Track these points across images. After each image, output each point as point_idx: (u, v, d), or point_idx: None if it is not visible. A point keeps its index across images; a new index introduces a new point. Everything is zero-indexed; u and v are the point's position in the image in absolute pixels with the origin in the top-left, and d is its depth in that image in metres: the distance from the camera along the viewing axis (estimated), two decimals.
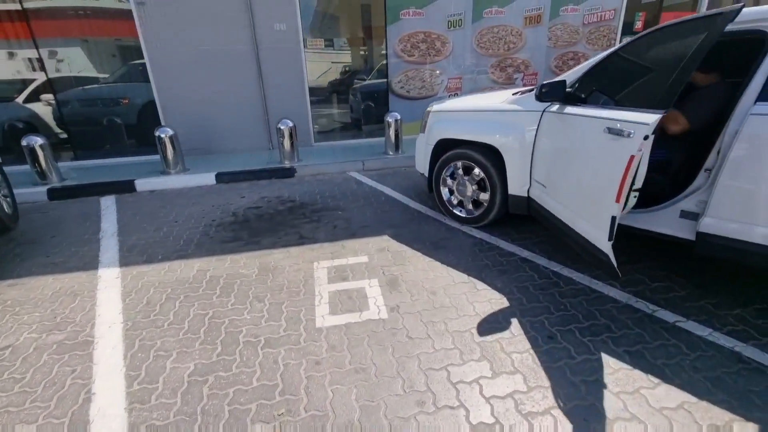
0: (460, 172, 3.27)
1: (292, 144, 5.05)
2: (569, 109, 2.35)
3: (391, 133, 5.22)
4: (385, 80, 6.06)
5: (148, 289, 2.62)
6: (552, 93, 2.52)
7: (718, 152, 2.09)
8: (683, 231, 2.31)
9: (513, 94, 3.00)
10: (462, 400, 1.68)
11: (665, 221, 2.37)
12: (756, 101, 1.93)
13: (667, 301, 2.27)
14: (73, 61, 5.39)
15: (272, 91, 5.70)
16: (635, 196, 2.02)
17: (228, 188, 4.69)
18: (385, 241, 3.15)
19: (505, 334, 2.05)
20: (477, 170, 3.13)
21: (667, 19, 5.13)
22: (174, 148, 4.84)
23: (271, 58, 5.53)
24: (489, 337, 2.03)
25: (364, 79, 6.65)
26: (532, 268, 2.68)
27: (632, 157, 1.77)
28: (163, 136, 4.75)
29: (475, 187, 3.22)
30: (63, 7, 5.09)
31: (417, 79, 6.03)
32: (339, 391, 1.76)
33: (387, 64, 5.92)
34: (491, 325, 2.13)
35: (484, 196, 3.16)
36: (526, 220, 3.32)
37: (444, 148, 3.35)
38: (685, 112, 2.30)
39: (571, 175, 2.34)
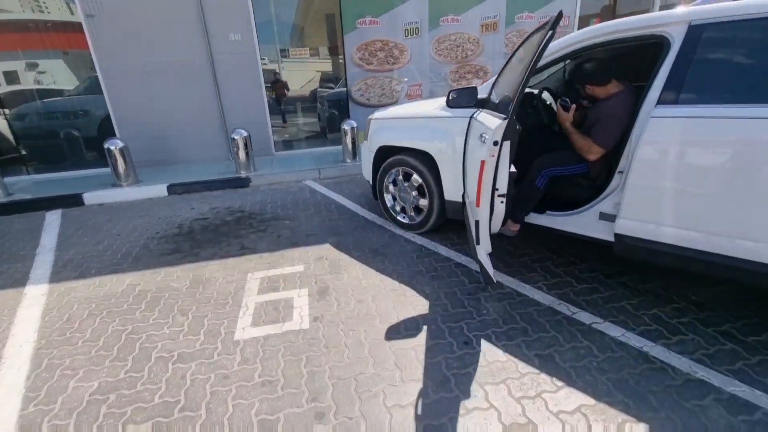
0: (401, 178, 3.27)
1: (247, 154, 5.00)
2: (477, 116, 2.37)
3: (348, 141, 5.22)
4: (344, 89, 6.08)
5: (72, 306, 2.54)
6: (461, 100, 2.54)
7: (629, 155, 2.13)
8: (603, 233, 2.34)
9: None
10: (363, 410, 1.65)
11: (587, 223, 2.40)
12: (656, 104, 1.97)
13: (588, 303, 2.28)
14: (28, 75, 5.28)
15: (230, 102, 5.66)
16: (502, 201, 2.01)
17: (180, 199, 4.61)
18: (326, 250, 3.12)
19: (423, 341, 2.03)
20: (416, 176, 3.13)
21: None
22: (125, 160, 4.74)
23: (228, 69, 5.50)
24: (405, 345, 2.01)
25: (332, 88, 6.66)
26: (465, 273, 2.67)
27: (482, 162, 1.78)
28: (112, 148, 4.66)
29: (415, 193, 3.22)
30: (12, 20, 4.98)
31: (376, 86, 6.06)
32: (240, 405, 1.71)
33: (345, 72, 5.93)
34: (411, 332, 2.11)
35: (424, 202, 3.17)
36: None
37: (385, 155, 3.35)
38: (595, 137, 2.31)
39: (471, 182, 2.36)
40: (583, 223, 2.41)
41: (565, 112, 2.48)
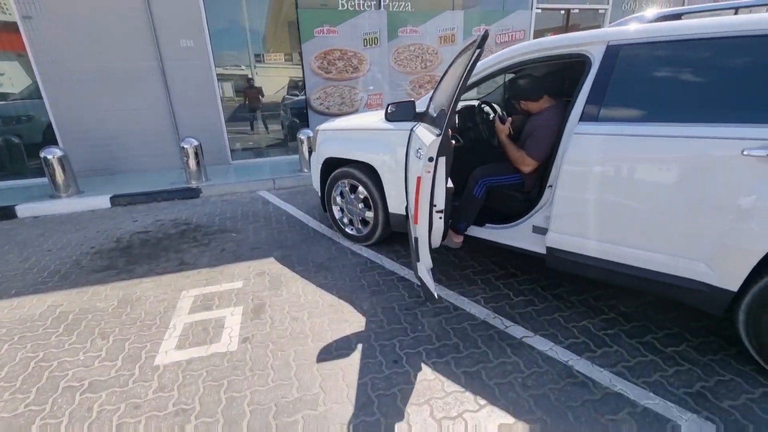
0: (348, 190, 3.23)
1: (198, 163, 4.84)
2: (416, 129, 2.37)
3: (304, 149, 5.14)
4: (304, 97, 6.01)
5: None
6: (399, 113, 2.53)
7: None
8: (536, 245, 2.36)
9: None
10: None
11: (522, 236, 2.42)
12: (579, 121, 2.02)
13: (522, 316, 2.30)
14: None
15: (183, 109, 5.48)
16: (440, 218, 2.01)
17: (123, 211, 4.39)
18: (269, 264, 3.03)
19: (352, 361, 1.98)
20: (361, 189, 3.09)
21: None
22: (64, 169, 4.48)
23: (180, 76, 5.33)
24: (334, 366, 1.95)
25: (297, 95, 6.56)
26: (406, 287, 2.64)
27: (418, 178, 1.78)
28: (50, 157, 4.40)
29: (361, 205, 3.19)
30: None
31: (336, 95, 6.02)
32: None
33: (304, 80, 5.87)
34: (342, 351, 2.05)
35: (370, 215, 3.13)
36: None
37: (333, 166, 3.30)
38: (528, 150, 2.36)
39: (412, 197, 2.35)
40: (518, 236, 2.43)
41: (501, 125, 2.51)
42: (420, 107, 2.59)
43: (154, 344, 2.17)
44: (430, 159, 1.75)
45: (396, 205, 2.89)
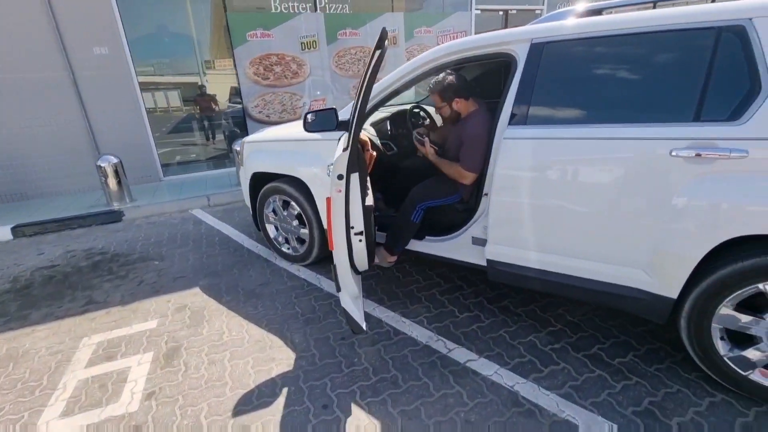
0: (280, 206, 2.95)
1: (119, 183, 4.36)
2: (343, 140, 2.15)
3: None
4: (240, 105, 5.64)
5: None
6: (319, 123, 2.31)
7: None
8: (476, 258, 2.21)
9: None
10: None
11: (461, 249, 2.26)
12: (508, 125, 1.88)
13: (467, 336, 2.13)
14: None
15: (101, 123, 4.94)
16: (360, 240, 1.81)
17: (28, 243, 3.85)
18: (193, 296, 2.69)
19: (274, 410, 1.72)
20: (294, 204, 2.83)
21: None
22: None
23: (96, 87, 4.80)
24: (252, 420, 1.67)
25: (239, 103, 6.15)
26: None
27: (328, 199, 1.57)
28: None
29: (296, 222, 2.92)
30: None
31: (276, 102, 5.70)
32: None
33: (239, 88, 5.50)
34: (264, 400, 1.78)
35: (306, 232, 2.87)
36: None
37: (262, 181, 3.01)
38: (463, 163, 2.15)
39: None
40: (458, 248, 2.27)
41: (423, 147, 2.33)
42: (345, 115, 2.38)
43: (33, 413, 1.79)
44: (340, 177, 1.53)
45: None
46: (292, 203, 2.83)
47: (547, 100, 1.81)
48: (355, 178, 1.57)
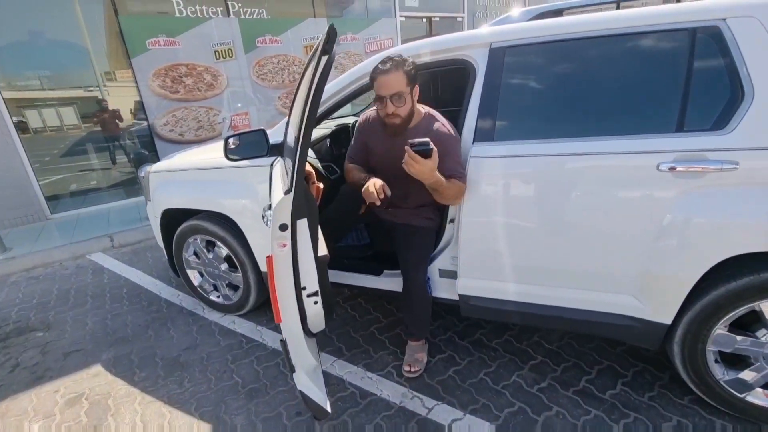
0: (203, 248, 2.43)
1: None
2: (277, 167, 1.75)
3: None
4: (146, 123, 4.87)
5: None
6: (245, 150, 1.88)
7: None
8: (446, 292, 1.93)
9: None
10: None
11: (430, 283, 1.97)
12: (473, 141, 1.63)
13: (445, 386, 1.84)
14: None
15: None
16: (316, 302, 1.41)
17: None
18: (92, 378, 2.07)
19: None
20: (220, 245, 2.34)
21: None
22: None
23: None
24: None
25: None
26: None
27: (269, 258, 1.21)
28: None
29: (225, 266, 2.42)
30: None
31: (190, 119, 5.01)
32: None
33: (142, 103, 4.74)
34: None
35: (238, 276, 2.39)
36: None
37: (177, 218, 2.47)
38: (460, 177, 1.61)
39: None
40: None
41: (425, 159, 1.40)
42: (277, 135, 1.97)
43: None
44: (283, 227, 1.16)
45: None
46: (218, 243, 2.34)
47: (515, 112, 1.59)
48: (303, 224, 1.20)
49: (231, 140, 1.80)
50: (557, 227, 1.55)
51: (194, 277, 2.59)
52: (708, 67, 1.33)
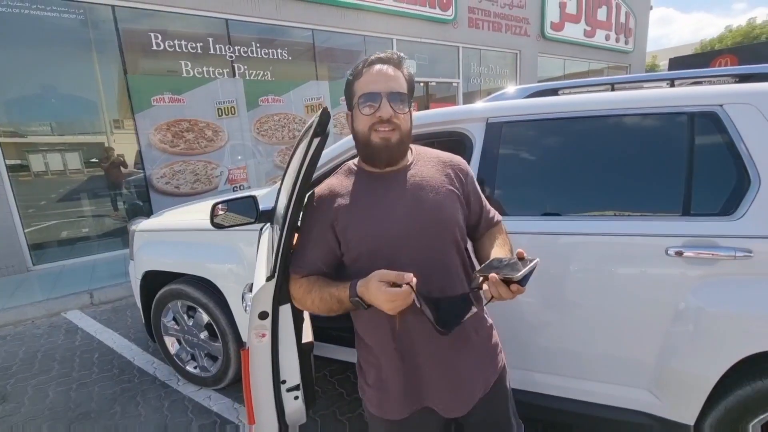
0: (183, 314, 2.28)
1: None
2: (266, 233, 1.67)
3: None
4: (142, 174, 4.87)
5: None
6: (233, 217, 1.79)
7: None
8: None
9: None
10: None
11: None
12: None
13: None
14: None
15: None
16: (296, 397, 1.22)
17: None
18: None
19: None
20: (201, 311, 2.19)
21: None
22: None
23: None
24: None
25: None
26: None
27: (245, 353, 1.08)
28: None
29: (205, 334, 2.26)
30: None
31: (187, 172, 5.04)
32: None
33: (141, 156, 4.78)
34: None
35: (218, 346, 2.22)
36: None
37: (158, 281, 2.34)
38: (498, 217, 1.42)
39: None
40: None
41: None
42: (267, 201, 1.91)
43: None
44: (263, 315, 1.04)
45: None
46: (200, 310, 2.19)
47: (515, 187, 1.55)
48: (286, 310, 1.09)
49: (220, 207, 1.73)
50: (564, 311, 1.45)
51: (171, 344, 2.41)
52: (709, 151, 1.31)
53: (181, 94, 4.89)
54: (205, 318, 2.19)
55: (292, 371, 1.14)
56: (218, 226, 1.68)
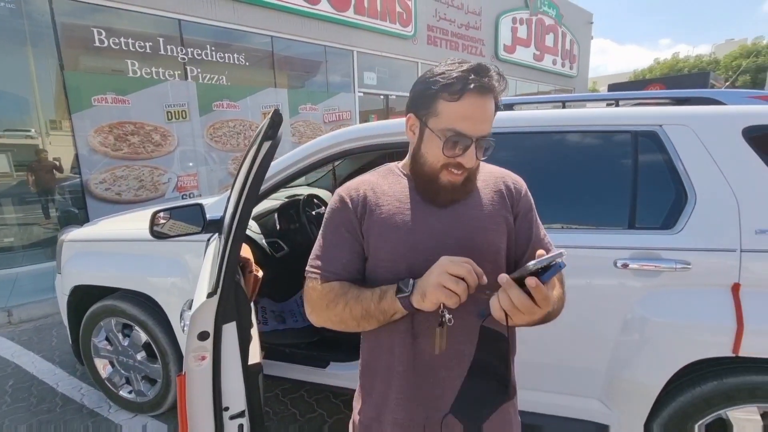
0: (117, 333, 2.07)
1: None
2: (212, 244, 1.56)
3: None
4: (78, 180, 4.46)
5: None
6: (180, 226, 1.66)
7: None
8: None
9: None
10: None
11: None
12: None
13: None
14: None
15: None
16: (241, 425, 1.09)
17: None
18: None
19: None
20: (138, 329, 2.00)
21: None
22: None
23: None
24: None
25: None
26: None
27: (181, 378, 0.99)
28: None
29: (142, 354, 2.06)
30: None
31: (131, 177, 4.68)
32: None
33: (78, 160, 4.38)
34: None
35: (157, 368, 2.02)
36: None
37: (89, 296, 2.11)
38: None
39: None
40: None
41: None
42: (216, 210, 1.78)
43: None
44: (203, 336, 0.94)
45: None
46: (136, 328, 2.00)
47: None
48: (231, 329, 0.98)
49: (161, 215, 1.59)
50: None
51: (103, 367, 2.17)
52: (651, 168, 1.38)
53: (127, 95, 4.55)
54: (143, 337, 2.00)
55: (236, 396, 1.04)
56: (159, 236, 1.54)
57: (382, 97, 8.08)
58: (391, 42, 7.66)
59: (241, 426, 1.05)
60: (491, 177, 0.93)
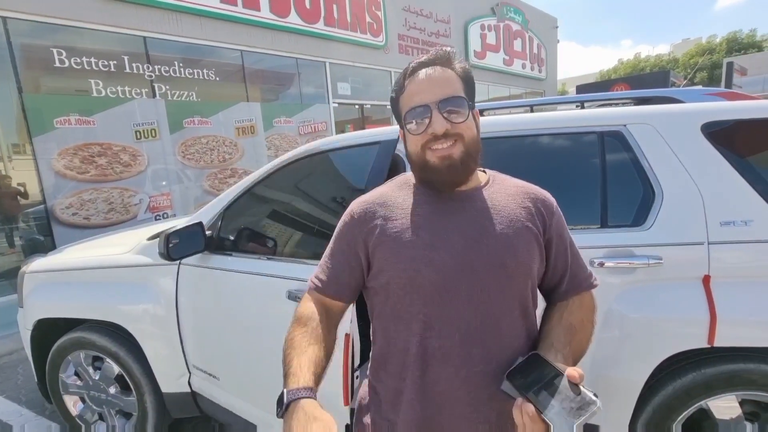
0: (87, 366, 1.96)
1: None
2: (218, 261, 1.52)
3: None
4: (42, 206, 4.27)
5: None
6: (185, 246, 1.65)
7: None
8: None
9: (149, 239, 2.00)
10: None
11: None
12: None
13: None
14: None
15: None
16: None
17: None
18: None
19: None
20: (109, 361, 1.90)
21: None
22: None
23: None
24: None
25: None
26: None
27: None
28: None
29: (115, 388, 1.95)
30: None
31: (100, 200, 4.51)
32: None
33: (41, 184, 4.20)
34: None
35: (132, 401, 1.92)
36: None
37: (56, 329, 2.00)
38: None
39: (247, 359, 1.45)
40: None
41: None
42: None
43: None
44: None
45: (171, 379, 1.82)
46: (108, 360, 1.90)
47: None
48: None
49: (171, 238, 1.55)
50: None
51: (73, 404, 2.06)
52: (619, 167, 1.41)
53: (92, 116, 4.40)
54: (116, 369, 1.90)
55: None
56: (175, 259, 1.53)
57: (357, 106, 8.09)
58: (363, 52, 7.70)
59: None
60: (518, 191, 0.88)
